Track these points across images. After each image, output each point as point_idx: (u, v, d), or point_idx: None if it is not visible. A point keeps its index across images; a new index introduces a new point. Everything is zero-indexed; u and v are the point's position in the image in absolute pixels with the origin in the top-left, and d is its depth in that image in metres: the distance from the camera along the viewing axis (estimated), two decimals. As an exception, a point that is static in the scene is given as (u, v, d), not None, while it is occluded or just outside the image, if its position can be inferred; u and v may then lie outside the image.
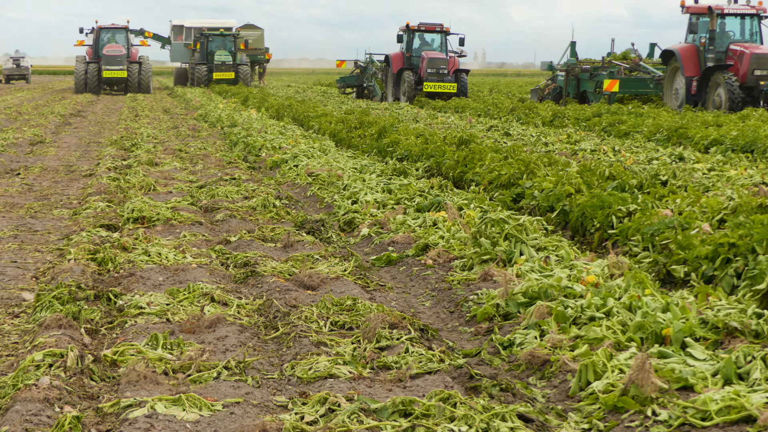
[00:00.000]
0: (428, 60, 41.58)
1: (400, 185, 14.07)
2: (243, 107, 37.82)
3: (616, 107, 30.80)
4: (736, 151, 19.76)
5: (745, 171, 15.50)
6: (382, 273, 9.79)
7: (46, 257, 10.23)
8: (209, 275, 9.08)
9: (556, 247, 9.44)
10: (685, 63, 31.93)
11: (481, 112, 34.61)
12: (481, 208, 11.83)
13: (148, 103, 44.24)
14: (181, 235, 11.12)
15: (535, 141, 22.63)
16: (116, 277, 9.09)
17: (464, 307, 8.13)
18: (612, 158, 18.65)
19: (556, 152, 19.91)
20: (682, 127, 22.79)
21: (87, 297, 7.81)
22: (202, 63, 62.18)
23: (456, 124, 28.49)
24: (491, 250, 9.16)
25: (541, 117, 30.03)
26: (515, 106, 34.20)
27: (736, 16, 32.28)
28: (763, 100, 30.21)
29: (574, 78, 37.84)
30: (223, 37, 62.91)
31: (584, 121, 27.91)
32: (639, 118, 27.08)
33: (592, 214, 11.00)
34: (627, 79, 35.71)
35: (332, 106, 38.10)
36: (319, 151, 19.51)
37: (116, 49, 57.05)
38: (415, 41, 43.29)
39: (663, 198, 12.04)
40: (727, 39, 32.27)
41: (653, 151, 20.32)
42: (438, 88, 41.06)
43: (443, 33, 43.02)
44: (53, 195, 14.80)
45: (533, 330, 6.94)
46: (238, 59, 62.79)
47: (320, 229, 11.59)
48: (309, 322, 7.42)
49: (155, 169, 17.57)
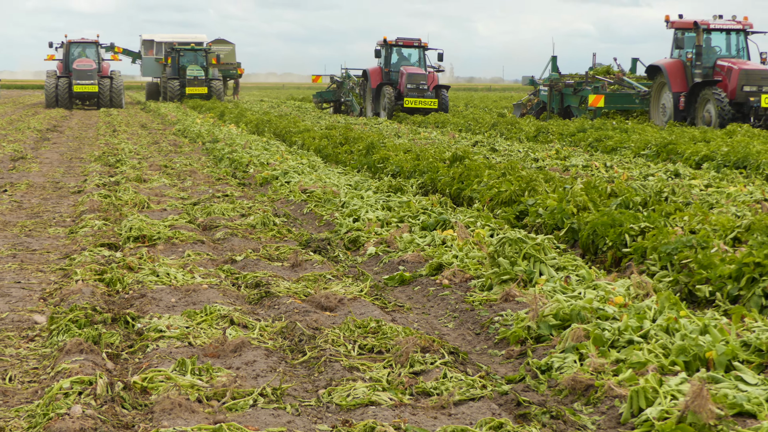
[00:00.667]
0: (408, 75, 41.35)
1: (399, 202, 13.87)
2: (221, 122, 37.54)
3: (599, 122, 30.62)
4: (728, 167, 19.66)
5: (745, 188, 15.39)
6: (397, 293, 9.59)
7: (49, 277, 9.97)
8: (222, 296, 8.85)
9: (575, 267, 9.26)
10: (672, 78, 31.78)
11: (462, 127, 34.48)
12: (489, 226, 11.65)
13: (123, 118, 43.87)
14: (185, 254, 10.88)
15: (523, 157, 22.49)
16: (127, 298, 8.85)
17: (491, 329, 7.93)
18: (605, 174, 18.52)
19: (547, 168, 19.77)
20: (671, 143, 22.70)
21: (104, 320, 7.57)
22: (174, 78, 61.82)
23: (439, 140, 28.33)
24: (510, 270, 8.98)
25: (525, 132, 29.92)
26: (496, 121, 34.10)
27: (722, 31, 32.17)
28: (753, 116, 30.06)
29: (557, 93, 37.61)
30: (194, 51, 62.62)
31: (569, 137, 27.81)
32: (624, 133, 27.01)
33: (603, 232, 10.83)
34: (612, 95, 35.49)
35: (310, 122, 37.87)
36: (308, 168, 19.29)
37: (87, 64, 56.58)
38: (393, 56, 43.07)
39: (670, 215, 11.90)
40: (713, 54, 32.15)
41: (644, 166, 20.21)
42: (418, 104, 40.85)
43: (422, 48, 42.80)
44: (45, 212, 14.51)
45: (571, 354, 6.75)
46: (211, 74, 62.48)
47: (326, 248, 11.39)
48: (336, 345, 7.21)
49: (144, 185, 17.31)
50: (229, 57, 69.09)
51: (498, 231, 11.51)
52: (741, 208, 13.29)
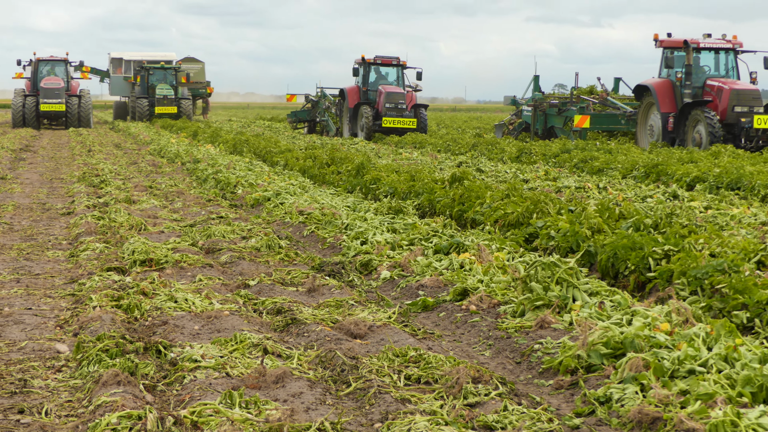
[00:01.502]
0: (386, 94, 40.95)
1: (404, 225, 13.62)
2: (196, 142, 37.16)
3: (583, 143, 30.42)
4: (721, 189, 19.53)
5: (748, 209, 15.24)
6: (422, 319, 9.32)
7: (60, 303, 9.64)
8: (247, 323, 8.55)
9: (608, 292, 9.02)
10: (660, 98, 31.38)
11: (441, 147, 34.27)
12: (505, 249, 11.41)
13: (94, 137, 43.37)
14: (196, 278, 10.58)
15: (512, 178, 22.28)
16: (148, 325, 8.54)
17: (533, 358, 7.67)
18: (598, 195, 18.34)
19: (538, 189, 19.57)
20: (659, 164, 22.57)
21: (137, 350, 7.24)
22: (143, 97, 61.32)
23: (421, 161, 28.10)
24: (544, 295, 8.73)
25: (507, 153, 29.74)
26: (476, 142, 33.90)
27: (713, 50, 31.85)
28: (744, 138, 29.74)
29: (541, 113, 37.28)
30: (164, 70, 62.18)
31: (552, 158, 27.65)
32: (609, 154, 26.88)
33: (624, 255, 10.60)
34: (598, 115, 35.13)
35: (285, 142, 37.52)
36: (299, 189, 19.01)
37: (54, 82, 55.96)
38: (371, 75, 42.71)
39: (684, 238, 11.69)
40: (702, 74, 31.84)
41: (636, 188, 20.07)
42: (397, 124, 40.43)
43: (400, 66, 42.40)
44: (38, 235, 14.15)
45: (631, 384, 6.49)
46: (180, 93, 62.05)
47: (341, 272, 11.10)
48: (381, 375, 6.93)
49: (134, 207, 16.96)
50: (198, 76, 68.67)
51: (514, 254, 11.28)
52: (751, 231, 13.14)
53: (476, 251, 11.27)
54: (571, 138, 34.05)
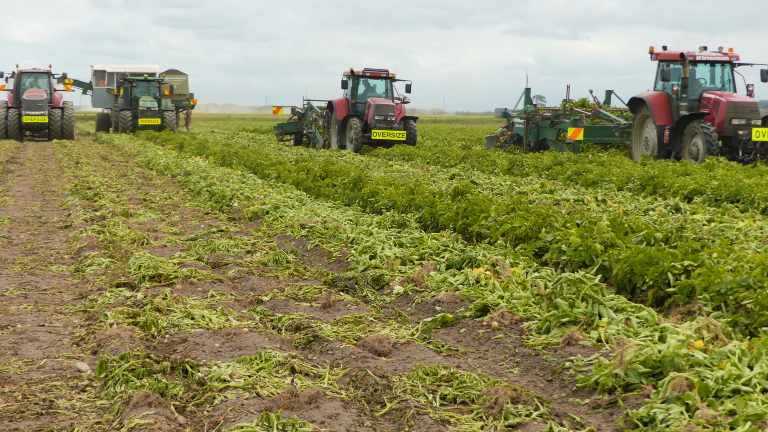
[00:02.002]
0: (375, 107, 40.78)
1: (411, 239, 13.47)
2: (183, 154, 36.95)
3: (575, 156, 30.32)
4: (720, 201, 19.46)
5: (754, 223, 15.14)
6: (442, 336, 9.16)
7: (72, 320, 9.46)
8: (268, 341, 8.38)
9: (635, 309, 8.88)
10: (656, 111, 31.15)
11: (430, 160, 34.14)
12: (518, 264, 11.27)
13: (79, 149, 43.10)
14: (208, 294, 10.40)
15: (507, 190, 22.16)
16: (167, 343, 8.36)
17: (565, 376, 7.52)
18: (597, 208, 18.22)
19: (536, 202, 19.45)
20: (656, 177, 22.49)
21: (164, 369, 7.06)
22: (126, 109, 61.06)
23: (413, 173, 27.96)
24: (569, 312, 8.59)
25: (499, 165, 29.63)
26: (466, 154, 33.79)
27: (709, 63, 31.68)
28: (741, 150, 29.56)
29: (534, 126, 37.08)
30: (147, 82, 61.94)
31: (544, 170, 27.56)
32: (602, 167, 26.80)
33: (641, 270, 10.48)
34: (592, 128, 34.98)
35: (274, 154, 37.32)
36: (296, 202, 18.84)
37: (37, 94, 55.67)
38: (360, 87, 42.54)
39: (696, 252, 11.58)
40: (698, 87, 31.65)
41: (634, 200, 19.98)
42: (387, 136, 40.23)
43: (389, 79, 42.21)
44: (39, 249, 13.95)
45: (675, 404, 6.35)
46: (164, 105, 61.82)
47: (354, 287, 10.94)
48: (416, 395, 6.77)
49: (132, 220, 16.77)
50: (182, 88, 68.37)
51: (528, 269, 11.16)
52: (760, 245, 13.03)
53: (490, 266, 11.13)
54: (563, 150, 33.89)
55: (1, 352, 8.15)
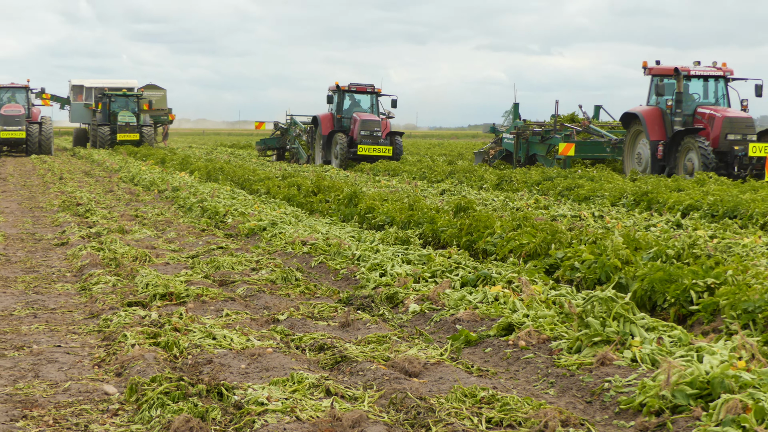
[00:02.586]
0: (361, 122, 40.56)
1: (419, 256, 13.30)
2: (166, 169, 36.68)
3: (565, 172, 30.16)
4: (716, 217, 19.38)
5: (759, 239, 15.04)
6: (467, 355, 8.98)
7: (87, 340, 9.25)
8: (295, 361, 8.19)
9: (666, 327, 8.74)
10: (649, 126, 30.92)
11: (416, 175, 33.98)
12: (535, 281, 11.12)
13: (59, 165, 42.77)
14: (223, 313, 10.20)
15: (501, 206, 22.03)
16: (192, 364, 8.15)
17: (605, 397, 7.35)
18: (594, 224, 18.10)
19: (534, 218, 19.32)
20: (650, 192, 22.41)
21: (199, 392, 6.86)
22: (104, 124, 60.63)
23: (402, 188, 27.81)
24: (601, 331, 8.43)
25: (487, 181, 29.49)
26: (453, 170, 33.65)
27: (702, 77, 31.48)
28: (737, 166, 29.33)
29: (524, 141, 36.77)
30: (126, 97, 61.59)
31: (534, 185, 27.44)
32: (592, 182, 26.70)
33: (662, 288, 10.35)
34: (583, 143, 34.75)
35: (261, 170, 37.09)
36: (292, 218, 18.66)
37: (15, 109, 55.30)
38: (345, 102, 42.37)
39: (711, 269, 11.45)
40: (692, 101, 31.44)
41: (629, 216, 19.87)
42: (373, 152, 39.99)
43: (374, 94, 42.01)
44: (39, 267, 13.72)
45: (731, 427, 6.19)
46: (142, 120, 61.49)
47: (370, 305, 10.76)
48: (460, 418, 6.59)
49: (128, 237, 16.55)
50: (160, 103, 68.01)
51: (544, 287, 11.01)
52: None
53: (506, 283, 10.99)
54: (553, 165, 33.70)
55: (21, 374, 7.93)
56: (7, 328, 9.67)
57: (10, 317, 10.25)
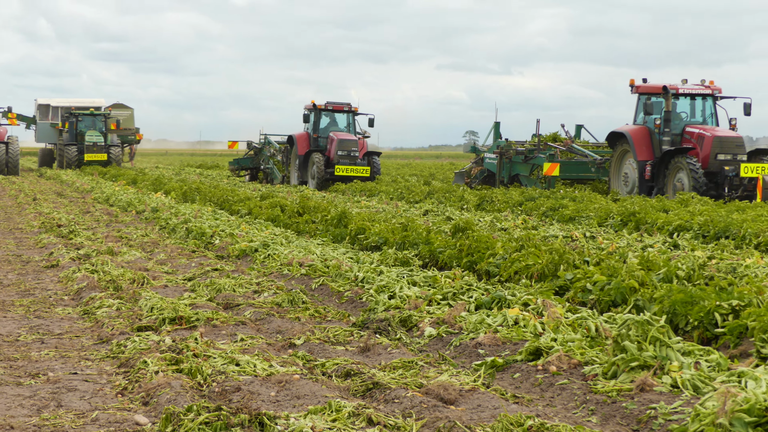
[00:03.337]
0: (338, 141, 40.13)
1: (424, 278, 13.08)
2: (142, 190, 36.28)
3: (547, 192, 29.92)
4: (707, 237, 19.29)
5: (762, 260, 14.92)
6: (497, 381, 8.74)
7: (103, 367, 8.96)
8: (325, 388, 7.94)
9: (703, 352, 8.55)
10: (637, 146, 30.48)
11: (394, 196, 33.75)
12: (561, 305, 10.91)
13: (30, 185, 42.28)
14: (238, 338, 9.94)
15: (489, 226, 21.85)
16: (219, 392, 7.88)
17: (654, 425, 7.15)
18: (586, 245, 17.93)
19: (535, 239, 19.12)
20: (637, 212, 22.30)
21: (241, 422, 6.60)
22: (71, 144, 60.10)
23: (383, 209, 27.60)
24: (638, 355, 8.23)
25: (468, 201, 29.30)
26: (431, 190, 33.46)
27: (690, 96, 31.10)
28: (727, 186, 28.96)
29: (507, 161, 36.31)
30: (93, 116, 61.13)
31: (517, 206, 27.28)
32: (573, 202, 26.58)
33: (684, 310, 10.17)
34: (568, 163, 34.39)
35: (234, 189, 36.73)
36: (283, 239, 18.39)
37: (-19, 129, 54.79)
38: (321, 121, 42.02)
39: (724, 291, 11.29)
40: (679, 120, 31.04)
41: (620, 236, 19.74)
42: (351, 172, 39.54)
43: (351, 113, 41.66)
44: (34, 290, 13.42)
45: (799, 457, 6.01)
46: (110, 140, 61.00)
47: (387, 329, 10.52)
48: (515, 449, 6.36)
49: (119, 259, 16.21)
50: (127, 122, 67.54)
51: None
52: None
53: (521, 306, 10.79)
54: (537, 186, 33.42)
55: (43, 403, 7.64)
56: (16, 355, 9.37)
57: (17, 343, 9.95)
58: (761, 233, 18.30)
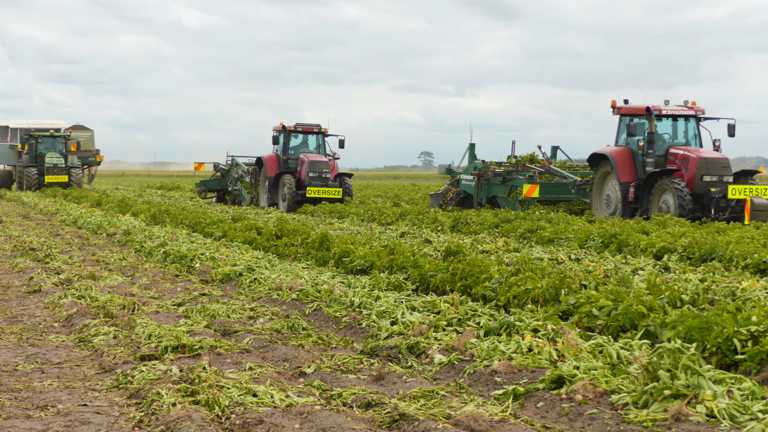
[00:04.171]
0: (309, 163, 39.70)
1: (423, 303, 12.82)
2: (110, 212, 35.80)
3: (523, 213, 29.64)
4: (693, 260, 19.16)
5: (758, 282, 14.78)
6: (516, 410, 8.50)
7: (111, 398, 8.64)
8: (351, 420, 7.67)
9: (735, 380, 8.34)
10: (620, 168, 30.06)
11: (365, 217, 33.45)
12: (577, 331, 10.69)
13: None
14: (246, 366, 9.64)
15: (470, 248, 21.62)
16: (241, 424, 7.59)
17: (697, 457, 6.93)
18: (572, 267, 17.75)
19: (506, 260, 18.93)
20: (619, 234, 22.15)
21: (279, 458, 6.31)
22: (31, 165, 59.47)
23: (357, 231, 27.32)
24: (671, 384, 8.01)
25: (442, 223, 29.03)
26: (403, 212, 33.20)
27: (671, 117, 30.71)
28: (713, 209, 28.59)
29: (485, 182, 35.71)
30: (53, 138, 60.58)
31: (492, 228, 27.05)
32: (549, 224, 26.41)
33: (700, 336, 9.98)
34: (547, 184, 33.90)
35: (211, 212, 36.31)
36: (266, 262, 18.08)
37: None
38: (291, 142, 41.68)
39: (732, 315, 11.12)
40: (662, 142, 30.64)
41: (604, 258, 19.57)
42: (323, 194, 39.10)
43: (321, 134, 41.26)
44: (21, 316, 13.07)
45: None
46: (70, 161, 60.41)
47: (398, 356, 10.25)
48: (565, 484, 6.12)
49: (101, 283, 15.87)
50: (87, 143, 66.93)
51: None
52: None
53: (531, 332, 10.56)
54: (516, 208, 33.07)
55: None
56: (18, 385, 9.03)
57: (16, 372, 9.61)
58: (748, 255, 18.18)
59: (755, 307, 11.64)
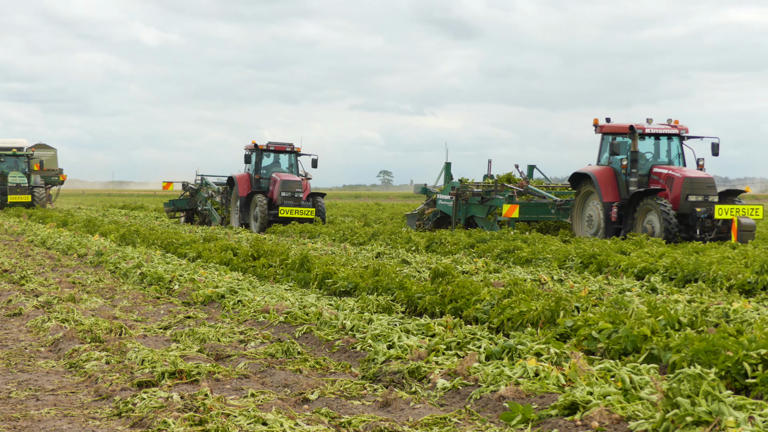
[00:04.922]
0: (281, 183, 39.34)
1: (417, 325, 12.62)
2: (78, 232, 35.37)
3: (498, 233, 29.41)
4: (675, 280, 19.08)
5: (749, 304, 14.70)
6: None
7: (113, 426, 8.38)
8: (366, 449, 7.45)
9: (755, 406, 8.20)
10: (602, 187, 29.60)
11: (336, 237, 33.20)
12: (566, 354, 10.52)
13: (-44, 227, 41.05)
14: (248, 393, 9.40)
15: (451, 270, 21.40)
16: (254, 455, 7.35)
17: (729, 487, 6.77)
18: (555, 288, 17.61)
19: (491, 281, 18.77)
20: (598, 254, 22.05)
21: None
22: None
23: (332, 251, 27.09)
24: (692, 411, 7.85)
25: (416, 243, 28.83)
26: (376, 231, 32.99)
27: (654, 136, 30.31)
28: (699, 229, 28.19)
29: (464, 202, 35.16)
30: (16, 157, 59.98)
31: (467, 248, 26.87)
32: (526, 244, 26.28)
33: (707, 359, 9.84)
34: (527, 204, 33.41)
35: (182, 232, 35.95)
36: (247, 284, 17.82)
37: None
38: (263, 161, 41.41)
39: (733, 337, 11.01)
40: (644, 161, 30.25)
41: (585, 279, 19.44)
42: (295, 214, 38.67)
43: (294, 153, 40.90)
44: (6, 340, 12.78)
45: None
46: (33, 181, 59.82)
47: (402, 382, 10.04)
48: None
49: (82, 306, 15.58)
50: (51, 162, 66.32)
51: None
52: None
53: (533, 355, 10.39)
54: (495, 228, 32.73)
55: (68, 470, 7.05)
56: (15, 414, 8.75)
57: (10, 400, 9.33)
58: (732, 276, 18.12)
59: (756, 329, 11.55)
